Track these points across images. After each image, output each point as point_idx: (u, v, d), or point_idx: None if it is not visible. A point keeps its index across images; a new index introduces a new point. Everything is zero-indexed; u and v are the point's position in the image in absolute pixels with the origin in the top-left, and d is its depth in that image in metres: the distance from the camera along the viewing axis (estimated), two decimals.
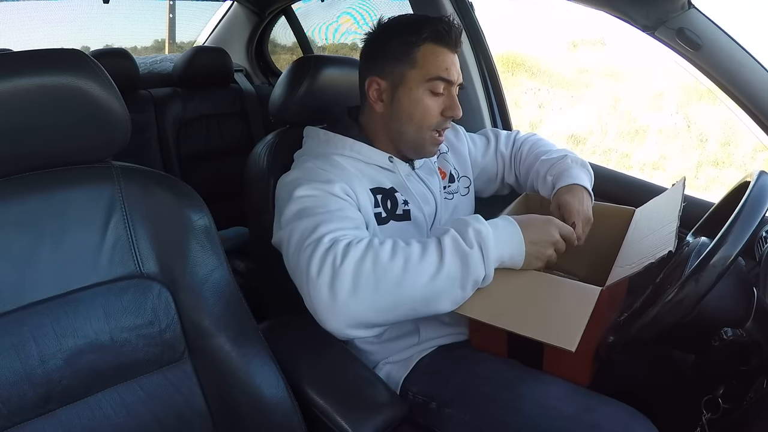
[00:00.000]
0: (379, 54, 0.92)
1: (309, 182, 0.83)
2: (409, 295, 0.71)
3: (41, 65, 0.63)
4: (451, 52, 0.91)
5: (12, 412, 0.61)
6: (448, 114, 0.91)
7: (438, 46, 0.89)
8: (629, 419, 0.75)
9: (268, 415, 0.73)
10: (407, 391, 0.90)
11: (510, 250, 0.76)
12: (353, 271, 0.70)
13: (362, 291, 0.70)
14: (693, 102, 4.01)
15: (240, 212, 1.13)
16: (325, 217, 0.77)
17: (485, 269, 0.73)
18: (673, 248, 0.69)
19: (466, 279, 0.72)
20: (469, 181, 1.10)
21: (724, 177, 3.50)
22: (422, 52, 0.88)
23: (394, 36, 0.91)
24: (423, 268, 0.71)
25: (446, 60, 0.90)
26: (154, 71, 2.08)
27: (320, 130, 0.97)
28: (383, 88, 0.91)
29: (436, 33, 0.89)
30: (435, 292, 0.72)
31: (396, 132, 0.93)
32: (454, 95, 0.91)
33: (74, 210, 0.68)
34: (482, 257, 0.73)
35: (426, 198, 0.97)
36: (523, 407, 0.78)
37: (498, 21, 3.56)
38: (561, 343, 0.69)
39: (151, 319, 0.71)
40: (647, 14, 0.93)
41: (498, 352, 0.89)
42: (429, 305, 0.73)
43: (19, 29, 2.29)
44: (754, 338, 0.73)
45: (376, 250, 0.72)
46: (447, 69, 0.89)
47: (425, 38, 0.88)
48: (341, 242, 0.73)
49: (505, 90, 1.55)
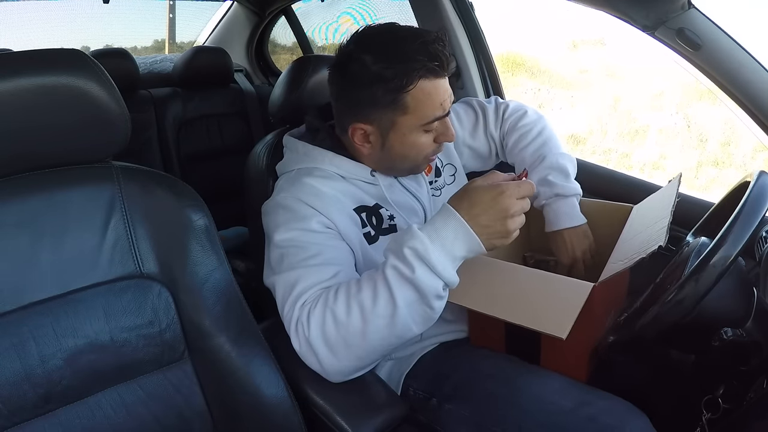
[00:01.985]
0: (361, 101, 0.81)
1: (286, 223, 0.81)
2: (379, 338, 0.71)
3: (41, 65, 0.63)
4: (443, 79, 0.81)
5: (12, 412, 0.61)
6: (441, 140, 0.86)
7: (430, 81, 0.78)
8: (625, 412, 0.75)
9: (268, 415, 0.73)
10: (408, 387, 0.90)
11: (461, 247, 0.67)
12: (321, 336, 0.72)
13: (338, 352, 0.72)
14: (693, 102, 4.01)
15: (240, 212, 1.13)
16: (301, 271, 0.77)
17: (441, 278, 0.68)
18: (663, 243, 0.69)
19: (426, 298, 0.68)
20: (454, 168, 1.05)
21: (724, 177, 3.49)
22: (413, 95, 0.78)
23: (376, 82, 0.77)
24: (379, 311, 0.69)
25: (440, 93, 0.80)
26: (154, 71, 2.08)
27: (299, 142, 0.91)
28: (370, 132, 0.83)
29: (429, 71, 0.78)
30: (402, 324, 0.70)
31: (386, 167, 0.89)
32: (449, 124, 0.85)
33: (74, 210, 0.69)
34: (430, 271, 0.67)
35: (412, 209, 0.93)
36: (522, 401, 0.79)
37: (498, 21, 3.56)
38: (552, 331, 0.71)
39: (151, 319, 0.71)
40: (647, 14, 0.93)
41: (496, 349, 0.90)
42: (405, 335, 0.72)
43: (19, 29, 2.29)
44: (754, 338, 0.73)
45: (332, 310, 0.71)
46: (442, 104, 0.81)
47: (416, 79, 0.77)
48: (305, 308, 0.74)
49: (505, 90, 1.55)
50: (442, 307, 0.71)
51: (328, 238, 0.81)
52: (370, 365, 0.77)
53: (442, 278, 0.68)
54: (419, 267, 0.67)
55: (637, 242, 0.79)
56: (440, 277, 0.67)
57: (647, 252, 0.70)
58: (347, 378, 0.76)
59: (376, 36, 0.81)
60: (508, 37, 4.60)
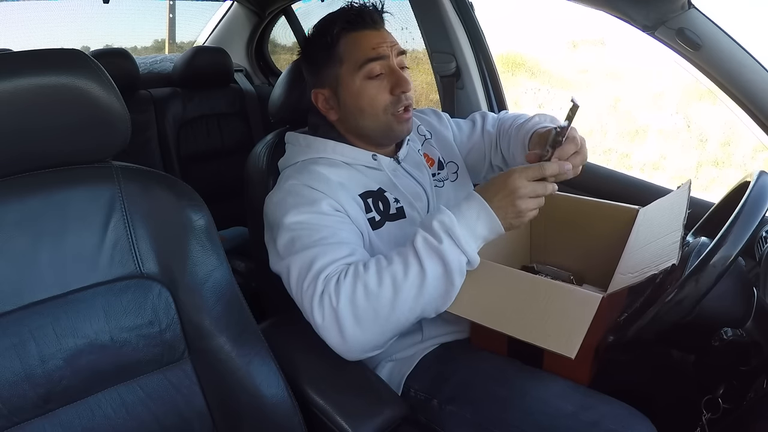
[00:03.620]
0: (310, 66, 0.93)
1: (296, 206, 0.83)
2: (406, 309, 0.74)
3: (41, 65, 0.63)
4: (373, 30, 0.89)
5: (12, 412, 0.61)
6: (397, 91, 0.89)
7: (354, 32, 0.88)
8: (628, 417, 0.75)
9: (268, 415, 0.73)
10: (409, 388, 0.90)
11: (483, 225, 0.75)
12: (350, 307, 0.74)
13: (364, 323, 0.74)
14: (693, 102, 4.00)
15: (240, 212, 1.13)
16: (318, 249, 0.79)
17: (464, 254, 0.74)
18: (676, 261, 0.69)
19: (451, 273, 0.74)
20: (456, 166, 1.08)
21: (724, 177, 3.49)
22: (341, 46, 0.88)
23: (313, 44, 0.92)
24: (410, 281, 0.73)
25: (369, 41, 0.88)
26: (154, 71, 2.08)
27: (300, 135, 0.97)
28: (328, 96, 0.92)
29: (346, 22, 0.88)
30: (428, 297, 0.74)
31: (357, 129, 0.93)
32: (395, 69, 0.89)
33: (74, 210, 0.68)
34: (455, 244, 0.73)
35: (416, 194, 0.96)
36: (523, 404, 0.79)
37: (498, 21, 3.56)
38: (561, 350, 0.70)
39: (151, 319, 0.71)
40: (647, 14, 0.93)
41: (498, 351, 0.90)
42: (426, 310, 0.76)
43: (19, 29, 2.29)
44: (754, 338, 0.73)
45: (364, 280, 0.74)
46: (374, 48, 0.88)
47: (338, 32, 0.88)
48: (332, 280, 0.76)
49: (505, 90, 1.55)
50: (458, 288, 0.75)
51: (339, 221, 0.83)
52: (386, 343, 0.79)
53: (465, 253, 0.73)
54: (446, 239, 0.73)
55: (648, 254, 0.77)
56: (463, 251, 0.73)
57: (659, 269, 0.70)
58: (363, 356, 0.78)
59: (319, 26, 0.93)
60: (508, 37, 4.59)
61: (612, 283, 0.77)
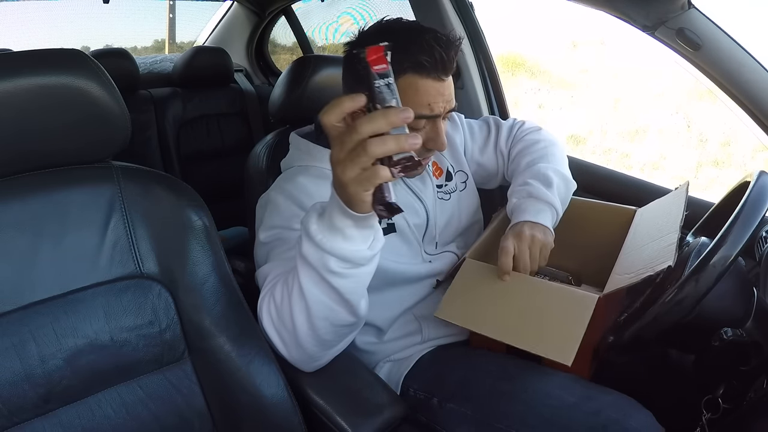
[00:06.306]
0: (351, 76, 0.83)
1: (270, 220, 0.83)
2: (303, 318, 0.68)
3: (41, 65, 0.63)
4: (438, 81, 0.78)
5: (12, 412, 0.61)
6: (430, 146, 0.82)
7: (419, 77, 0.77)
8: (629, 406, 0.75)
9: (268, 415, 0.73)
10: (408, 388, 0.90)
11: (333, 212, 0.60)
12: (271, 325, 0.73)
13: (283, 337, 0.72)
14: (693, 102, 4.01)
15: (240, 212, 1.13)
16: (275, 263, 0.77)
17: (324, 250, 0.62)
18: (672, 263, 0.69)
19: (319, 272, 0.64)
20: (465, 175, 1.05)
21: (724, 177, 3.49)
22: (398, 82, 0.73)
23: None
24: (294, 289, 0.67)
25: (429, 93, 0.78)
26: (154, 71, 2.08)
27: (302, 140, 0.94)
28: None
29: (417, 65, 0.76)
30: (316, 300, 0.66)
31: None
32: (438, 127, 0.81)
33: (74, 210, 0.68)
34: (312, 243, 0.63)
35: (413, 209, 0.92)
36: (525, 397, 0.79)
37: (498, 21, 3.56)
38: (557, 357, 0.71)
39: (151, 319, 0.71)
40: (647, 14, 0.93)
41: (496, 351, 0.89)
42: (335, 317, 0.68)
43: (19, 29, 2.30)
44: (754, 338, 0.73)
45: (272, 294, 0.72)
46: (429, 104, 0.79)
47: (404, 69, 0.76)
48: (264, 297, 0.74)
49: (505, 90, 1.55)
50: (357, 282, 0.66)
51: None
52: (325, 351, 0.74)
53: (324, 250, 0.62)
54: (304, 241, 0.64)
55: (645, 255, 0.78)
56: (322, 248, 0.62)
57: (655, 270, 0.70)
58: (314, 365, 0.76)
59: (376, 32, 0.82)
60: (508, 37, 4.60)
61: (608, 284, 0.77)
